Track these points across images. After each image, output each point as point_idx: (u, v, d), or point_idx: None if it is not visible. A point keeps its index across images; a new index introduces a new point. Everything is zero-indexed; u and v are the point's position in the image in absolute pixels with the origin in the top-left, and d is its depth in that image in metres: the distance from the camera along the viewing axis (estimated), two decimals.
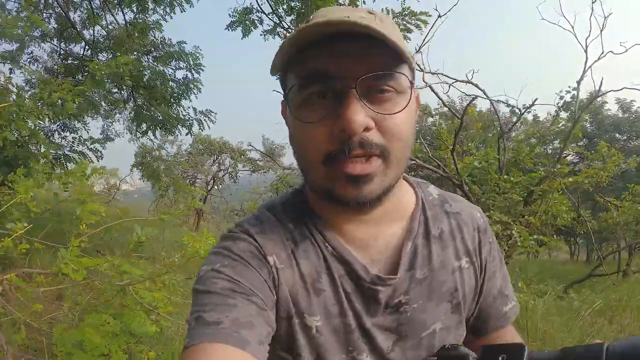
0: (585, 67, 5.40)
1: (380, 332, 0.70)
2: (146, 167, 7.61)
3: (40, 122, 3.60)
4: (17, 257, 2.65)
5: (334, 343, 0.69)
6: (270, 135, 15.33)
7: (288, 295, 0.67)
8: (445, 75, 5.99)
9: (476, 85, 5.93)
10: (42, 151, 3.76)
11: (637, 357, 0.51)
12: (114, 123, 7.49)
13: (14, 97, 3.38)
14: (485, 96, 5.94)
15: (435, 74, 5.96)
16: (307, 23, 0.58)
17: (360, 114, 0.56)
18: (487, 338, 0.85)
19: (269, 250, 0.67)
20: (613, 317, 4.54)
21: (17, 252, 2.50)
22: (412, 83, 0.63)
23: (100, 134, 7.23)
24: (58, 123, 4.65)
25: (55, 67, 7.57)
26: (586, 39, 5.36)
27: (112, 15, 6.53)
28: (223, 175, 13.30)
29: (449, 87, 6.41)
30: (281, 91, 0.68)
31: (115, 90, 5.40)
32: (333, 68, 0.57)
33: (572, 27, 5.54)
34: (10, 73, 5.70)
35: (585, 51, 5.35)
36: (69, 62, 7.76)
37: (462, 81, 6.04)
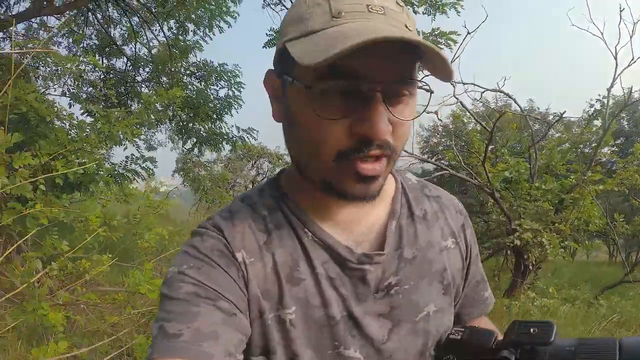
0: (615, 74, 5.55)
1: (373, 320, 0.68)
2: (187, 172, 8.15)
3: (103, 151, 4.12)
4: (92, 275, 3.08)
5: (313, 337, 0.66)
6: None
7: (258, 292, 0.64)
8: (476, 85, 6.23)
9: (507, 95, 6.16)
10: (103, 175, 4.26)
11: None
12: (156, 133, 8.05)
13: (77, 130, 3.90)
14: (516, 104, 6.16)
15: (466, 84, 6.21)
16: (334, 2, 0.57)
17: (385, 120, 0.56)
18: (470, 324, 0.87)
19: (237, 245, 0.65)
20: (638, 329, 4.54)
21: (94, 273, 2.93)
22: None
23: (144, 143, 7.76)
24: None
25: (99, 80, 8.17)
26: (615, 46, 5.50)
27: (152, 32, 7.07)
28: (262, 180, 13.84)
29: (481, 95, 6.68)
30: None
31: (161, 108, 5.91)
32: (364, 68, 0.55)
33: (602, 34, 5.68)
34: (70, 107, 6.31)
35: (615, 58, 5.50)
36: (111, 76, 8.38)
37: (494, 90, 6.27)
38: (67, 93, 5.79)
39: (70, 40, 7.79)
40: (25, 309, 2.07)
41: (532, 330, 0.64)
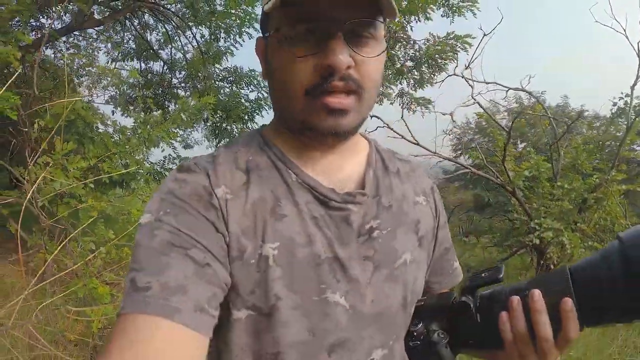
0: (639, 72, 5.61)
1: (357, 262, 0.70)
2: None
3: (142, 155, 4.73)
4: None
5: (299, 279, 0.67)
6: None
7: (238, 229, 0.66)
8: (499, 85, 6.44)
9: (530, 93, 6.35)
10: (143, 174, 4.86)
11: (597, 275, 0.59)
12: (192, 132, 8.68)
13: (120, 134, 4.50)
14: (540, 103, 6.33)
15: (489, 83, 6.44)
16: None
17: (344, 53, 0.63)
18: None
19: (218, 181, 0.68)
20: None
21: None
22: (387, 31, 0.82)
23: (181, 143, 8.38)
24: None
25: (138, 83, 8.88)
26: (638, 42, 5.56)
27: (186, 37, 7.68)
28: None
29: (506, 93, 6.89)
30: None
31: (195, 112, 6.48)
32: (324, 11, 0.62)
33: (625, 30, 5.74)
34: (113, 114, 7.05)
35: (638, 55, 5.56)
36: (149, 78, 9.10)
37: (516, 89, 6.47)
38: (110, 101, 6.45)
39: (109, 45, 8.57)
40: (77, 283, 2.63)
41: (483, 274, 0.71)
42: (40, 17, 6.53)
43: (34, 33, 6.57)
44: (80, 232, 3.83)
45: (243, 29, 6.56)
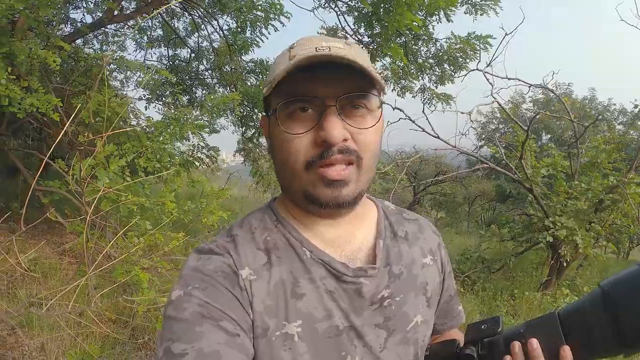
0: None
1: (370, 329, 0.77)
2: (248, 152, 9.05)
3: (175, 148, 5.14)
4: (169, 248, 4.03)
5: (322, 350, 0.73)
6: None
7: (262, 309, 0.71)
8: (521, 81, 6.61)
9: (552, 91, 6.51)
10: (175, 167, 5.27)
11: (581, 318, 0.71)
12: (219, 119, 9.06)
13: (153, 129, 4.89)
14: (562, 101, 6.49)
15: (510, 79, 6.60)
16: (292, 51, 0.73)
17: (339, 127, 0.69)
18: (442, 336, 1.01)
19: (241, 263, 0.74)
20: None
21: (170, 247, 3.88)
22: (381, 104, 0.77)
23: (208, 127, 8.79)
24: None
25: (165, 69, 9.26)
26: None
27: (212, 26, 7.99)
28: None
29: (529, 89, 7.04)
30: None
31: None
32: (318, 89, 0.70)
33: None
34: (146, 109, 7.46)
35: None
36: (176, 63, 9.47)
37: (538, 86, 6.64)
38: (143, 97, 6.86)
39: (137, 32, 8.92)
40: (119, 270, 3.07)
41: (482, 327, 0.81)
42: (71, 11, 6.94)
43: (69, 25, 7.02)
44: (119, 222, 4.26)
45: (269, 22, 6.86)
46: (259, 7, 6.67)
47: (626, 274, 0.71)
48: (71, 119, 2.89)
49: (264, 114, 0.83)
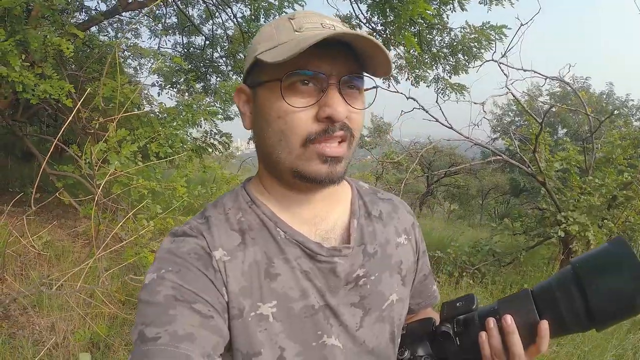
0: None
1: (346, 308, 0.79)
2: None
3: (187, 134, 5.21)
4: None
5: (298, 330, 0.74)
6: (378, 112, 16.42)
7: (236, 289, 0.72)
8: (536, 73, 6.52)
9: (567, 84, 6.43)
10: (187, 150, 5.34)
11: (553, 294, 0.74)
12: (232, 105, 9.11)
13: (166, 115, 4.96)
14: (577, 95, 6.42)
15: (526, 71, 6.52)
16: (295, 23, 0.74)
17: (343, 104, 0.71)
18: (417, 315, 1.03)
19: (215, 244, 0.74)
20: None
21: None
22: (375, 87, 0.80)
23: (221, 114, 8.87)
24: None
25: (180, 56, 9.32)
26: None
27: (227, 14, 8.02)
28: None
29: (545, 81, 6.97)
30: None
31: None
32: (323, 66, 0.70)
33: None
34: (159, 95, 7.57)
35: None
36: (190, 50, 9.54)
37: (554, 78, 6.56)
38: (156, 83, 6.93)
39: (152, 19, 8.99)
40: (129, 252, 3.15)
41: (458, 304, 0.83)
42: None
43: (83, 13, 7.10)
44: (131, 205, 4.35)
45: (282, 10, 6.86)
46: None
47: (595, 252, 0.75)
48: (80, 102, 2.95)
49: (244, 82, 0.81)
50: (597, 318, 0.72)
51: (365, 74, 0.77)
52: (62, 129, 2.69)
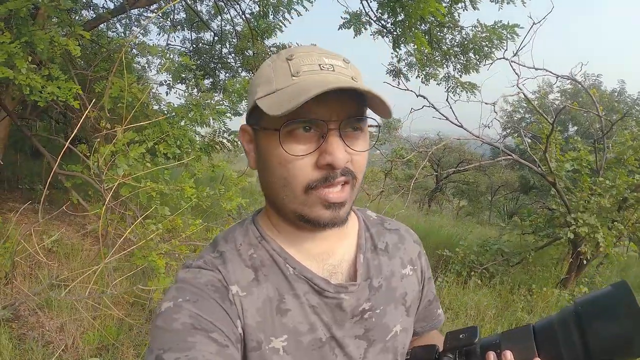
0: None
1: (351, 340, 0.81)
2: None
3: (195, 133, 5.20)
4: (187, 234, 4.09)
5: None
6: None
7: (254, 323, 0.74)
8: (548, 71, 6.46)
9: (580, 83, 6.34)
10: (195, 150, 5.34)
11: (554, 332, 0.76)
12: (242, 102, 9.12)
13: (175, 114, 4.95)
14: (589, 94, 6.32)
15: (538, 69, 6.45)
16: (293, 65, 0.72)
17: (343, 151, 0.70)
18: (423, 338, 1.06)
19: (231, 279, 0.76)
20: None
21: (188, 233, 3.95)
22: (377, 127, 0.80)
23: (230, 110, 8.88)
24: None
25: (188, 52, 9.32)
26: None
27: (235, 10, 8.00)
28: None
29: (556, 79, 6.88)
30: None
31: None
32: (322, 112, 0.69)
33: None
34: (167, 94, 7.56)
35: None
36: (199, 46, 9.53)
37: (565, 77, 6.46)
38: (165, 83, 6.93)
39: (160, 16, 8.98)
40: (138, 255, 3.15)
41: (461, 336, 0.85)
42: None
43: (91, 10, 7.10)
44: (139, 206, 4.35)
45: (292, 6, 6.82)
46: None
47: (599, 294, 0.76)
48: (90, 106, 2.95)
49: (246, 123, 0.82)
50: None
51: (368, 114, 0.77)
52: (72, 135, 2.68)
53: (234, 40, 8.64)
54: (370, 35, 6.72)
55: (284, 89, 0.71)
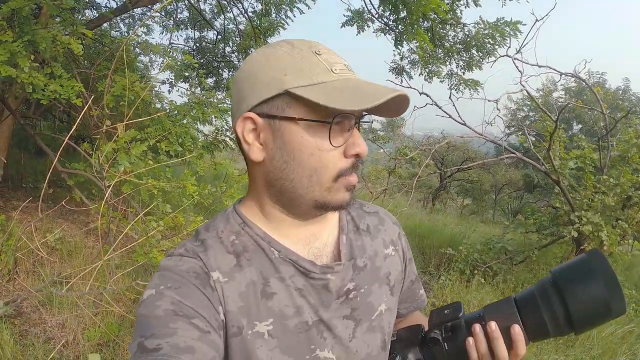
0: None
1: (339, 321, 0.82)
2: None
3: (198, 131, 5.22)
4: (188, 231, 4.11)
5: (292, 345, 0.78)
6: None
7: (235, 309, 0.75)
8: (551, 68, 6.43)
9: (583, 80, 6.31)
10: (197, 148, 5.35)
11: (534, 300, 0.80)
12: None
13: (177, 112, 4.96)
14: (593, 91, 6.30)
15: (541, 67, 6.43)
16: (323, 59, 0.75)
17: (364, 142, 0.78)
18: (406, 319, 1.08)
19: (212, 265, 0.76)
20: None
21: (189, 230, 3.97)
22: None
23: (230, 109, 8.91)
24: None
25: (191, 51, 9.35)
26: None
27: (238, 8, 8.00)
28: None
29: (560, 77, 6.85)
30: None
31: None
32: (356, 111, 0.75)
33: None
34: (169, 92, 7.58)
35: None
36: (202, 45, 9.55)
37: (569, 74, 6.45)
38: (167, 81, 6.96)
39: (163, 14, 9.01)
40: (139, 252, 3.17)
41: (445, 312, 0.89)
42: None
43: (94, 10, 7.13)
44: (141, 204, 4.37)
45: (294, 4, 6.83)
46: None
47: (573, 262, 0.81)
48: (89, 103, 2.97)
49: (255, 113, 0.77)
50: (575, 323, 0.78)
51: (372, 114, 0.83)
52: (71, 130, 2.69)
53: (237, 38, 8.65)
54: (373, 32, 6.73)
55: (329, 83, 0.72)
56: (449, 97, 6.78)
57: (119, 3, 6.69)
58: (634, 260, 7.74)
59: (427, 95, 6.54)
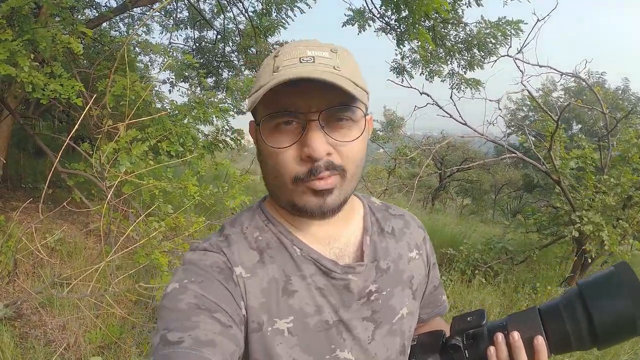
0: None
1: (359, 322, 0.81)
2: None
3: (198, 131, 5.19)
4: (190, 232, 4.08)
5: (312, 343, 0.77)
6: (391, 106, 16.33)
7: (256, 305, 0.75)
8: (552, 69, 6.41)
9: (584, 80, 6.29)
10: (198, 148, 5.32)
11: (559, 311, 0.78)
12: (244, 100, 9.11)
13: (178, 112, 4.93)
14: (593, 91, 6.27)
15: (542, 66, 6.40)
16: (277, 61, 0.73)
17: (322, 143, 0.70)
18: (428, 324, 1.06)
19: (235, 260, 0.76)
20: None
21: (191, 231, 3.94)
22: (365, 113, 0.77)
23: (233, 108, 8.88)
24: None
25: (191, 51, 9.32)
26: None
27: (238, 8, 7.98)
28: None
29: (561, 77, 6.82)
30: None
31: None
32: (300, 104, 0.70)
33: None
34: (170, 92, 7.55)
35: None
36: (202, 44, 9.52)
37: (569, 74, 6.41)
38: (168, 81, 6.92)
39: (163, 14, 8.98)
40: (140, 253, 3.14)
41: (468, 319, 0.87)
42: None
43: (93, 9, 7.08)
44: (142, 204, 4.34)
45: (294, 4, 6.80)
46: None
47: (601, 274, 0.79)
48: (90, 103, 2.93)
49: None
50: (599, 337, 0.75)
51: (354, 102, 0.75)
52: (73, 130, 2.66)
53: (236, 38, 8.63)
54: (374, 32, 6.70)
55: (264, 86, 0.71)
56: (450, 97, 6.76)
57: (118, 2, 6.66)
58: (634, 260, 7.74)
59: (428, 95, 6.51)
